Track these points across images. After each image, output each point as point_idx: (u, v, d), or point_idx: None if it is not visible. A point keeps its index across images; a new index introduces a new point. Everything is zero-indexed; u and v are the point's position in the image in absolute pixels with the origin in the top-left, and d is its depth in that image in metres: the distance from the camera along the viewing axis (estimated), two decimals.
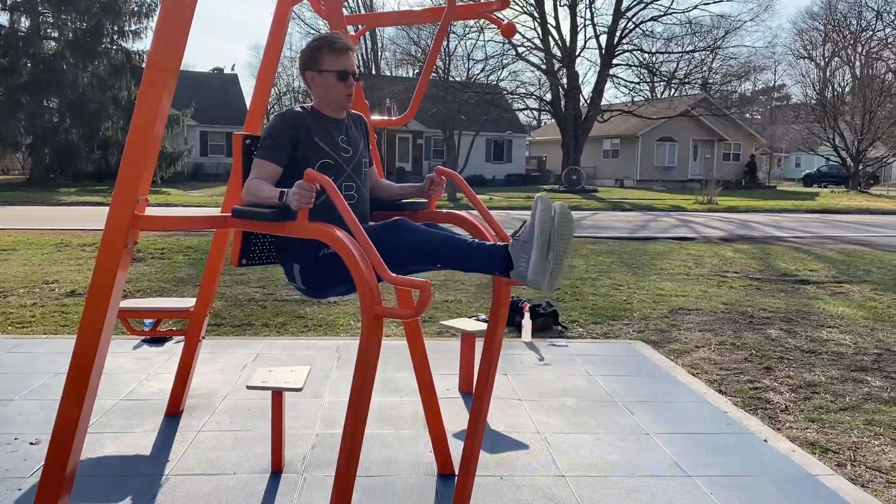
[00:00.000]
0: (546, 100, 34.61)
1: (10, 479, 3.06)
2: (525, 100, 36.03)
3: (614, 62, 33.54)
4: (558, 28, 33.18)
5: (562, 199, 26.33)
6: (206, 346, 4.87)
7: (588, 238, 14.00)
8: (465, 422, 3.76)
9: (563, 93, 33.08)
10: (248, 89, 47.67)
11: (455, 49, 31.01)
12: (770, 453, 3.54)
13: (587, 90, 34.59)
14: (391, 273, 2.05)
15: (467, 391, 4.37)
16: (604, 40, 33.40)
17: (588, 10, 33.50)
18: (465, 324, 4.67)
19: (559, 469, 3.29)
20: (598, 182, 39.24)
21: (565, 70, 33.20)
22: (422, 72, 3.67)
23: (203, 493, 2.98)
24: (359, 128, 2.77)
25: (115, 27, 28.84)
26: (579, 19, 33.53)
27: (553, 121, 36.63)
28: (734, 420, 3.99)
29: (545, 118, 47.70)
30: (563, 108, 32.89)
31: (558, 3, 33.00)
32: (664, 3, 32.79)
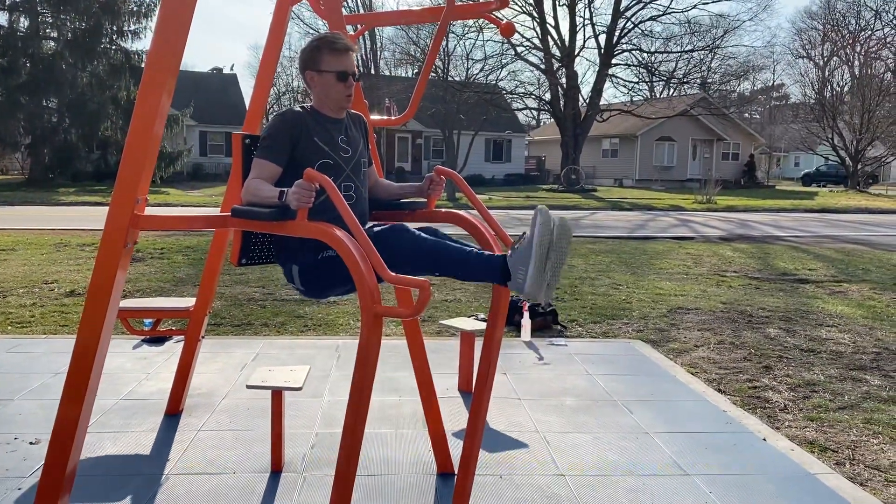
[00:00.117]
0: (545, 99, 34.64)
1: (10, 478, 3.06)
2: (524, 99, 36.05)
3: (613, 62, 33.57)
4: (557, 28, 33.23)
5: (561, 199, 26.45)
6: (205, 346, 4.87)
7: (587, 237, 14.00)
8: (464, 421, 3.77)
9: (562, 92, 33.09)
10: (247, 89, 47.67)
11: (454, 49, 31.06)
12: (769, 452, 3.54)
13: (586, 90, 34.64)
14: (390, 272, 2.06)
15: (467, 390, 4.38)
16: (603, 40, 33.49)
17: (587, 9, 33.59)
18: (465, 323, 4.67)
19: (558, 468, 3.30)
20: (597, 181, 39.26)
21: (564, 70, 33.22)
22: (421, 71, 3.67)
23: (203, 492, 2.98)
24: (358, 128, 2.78)
25: (115, 27, 28.85)
26: (578, 19, 33.68)
27: (552, 120, 36.65)
28: (733, 419, 4.00)
29: (544, 118, 47.75)
30: (563, 107, 32.90)
31: (557, 2, 33.06)
32: (663, 3, 32.86)
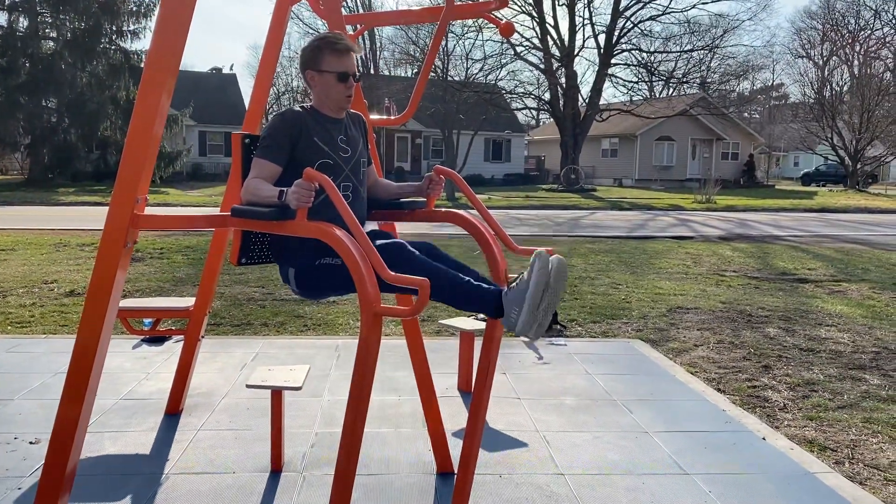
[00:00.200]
0: (545, 99, 34.64)
1: (10, 478, 3.06)
2: (524, 99, 36.06)
3: (613, 61, 33.57)
4: (557, 27, 33.22)
5: (560, 199, 26.44)
6: (205, 346, 4.87)
7: (587, 237, 14.00)
8: (464, 420, 3.77)
9: (561, 92, 33.09)
10: (246, 89, 47.66)
11: (453, 49, 31.07)
12: (768, 451, 3.55)
13: (586, 89, 34.64)
14: (390, 272, 2.06)
15: (466, 390, 4.38)
16: (602, 40, 33.50)
17: (586, 9, 33.55)
18: (464, 323, 4.67)
19: (558, 467, 3.30)
20: (597, 181, 39.26)
21: (564, 69, 33.22)
22: (420, 71, 3.67)
23: (203, 491, 2.98)
24: (358, 127, 2.78)
25: (114, 27, 28.87)
26: (578, 19, 33.64)
27: (552, 120, 36.64)
28: (732, 418, 4.00)
29: (544, 117, 47.75)
30: (562, 107, 32.90)
31: (557, 2, 33.05)
32: (662, 3, 32.92)
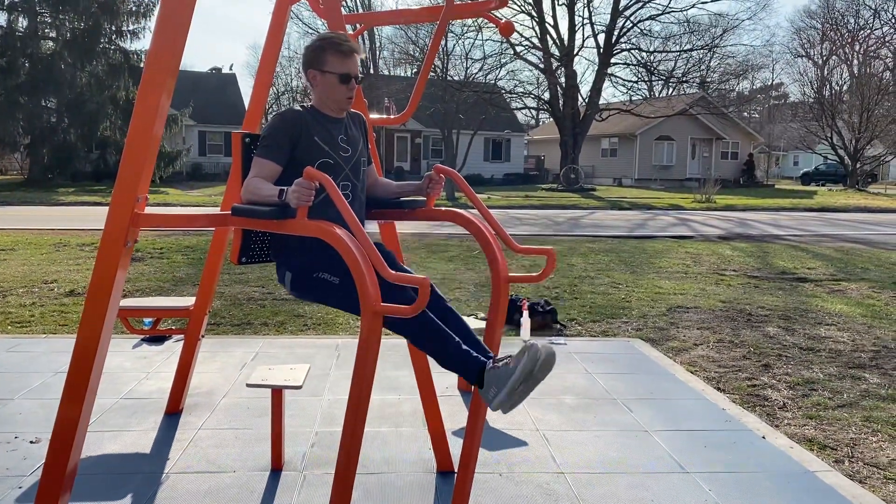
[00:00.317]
0: (544, 99, 34.64)
1: (11, 477, 3.07)
2: (523, 99, 36.09)
3: (612, 61, 33.56)
4: (556, 27, 33.21)
5: (560, 198, 26.40)
6: (205, 345, 4.88)
7: (587, 237, 14.01)
8: (464, 419, 3.77)
9: (561, 92, 33.09)
10: (246, 89, 47.70)
11: (453, 48, 31.09)
12: (768, 450, 3.55)
13: (585, 89, 34.63)
14: (390, 270, 2.06)
15: (466, 389, 4.38)
16: (602, 39, 33.48)
17: (586, 9, 33.52)
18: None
19: (558, 466, 3.30)
20: (597, 181, 39.27)
21: (563, 69, 33.21)
22: (420, 71, 3.67)
23: (203, 490, 2.98)
24: (358, 127, 2.78)
25: (113, 27, 28.88)
26: (577, 18, 33.63)
27: (551, 120, 36.64)
28: (732, 417, 4.00)
29: (543, 117, 47.76)
30: (562, 107, 32.90)
31: (556, 2, 33.03)
32: (662, 2, 32.75)
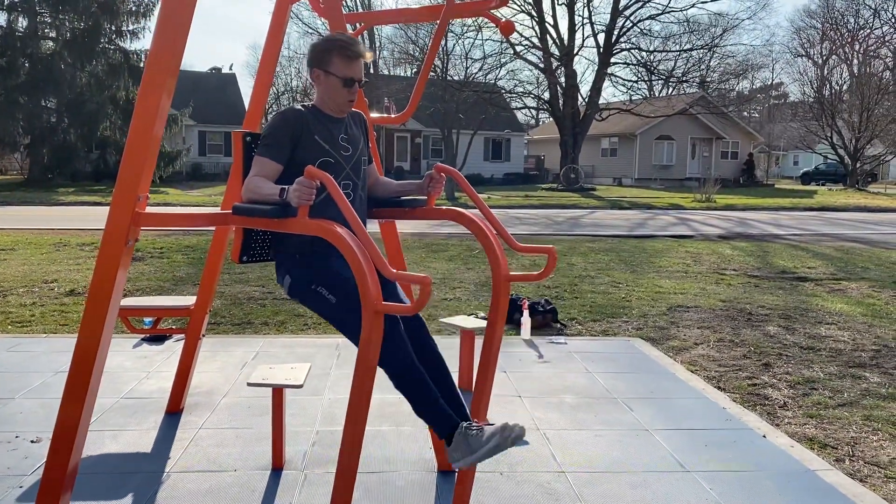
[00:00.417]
0: (544, 98, 34.62)
1: (11, 476, 3.07)
2: (523, 98, 36.08)
3: (612, 61, 33.53)
4: (556, 27, 33.19)
5: (560, 198, 26.38)
6: (205, 345, 4.87)
7: (587, 236, 14.01)
8: None
9: (561, 91, 33.07)
10: (246, 89, 47.71)
11: (453, 48, 31.09)
12: (769, 449, 3.55)
13: (585, 89, 34.60)
14: (391, 269, 2.06)
15: (467, 388, 4.38)
16: (602, 39, 33.44)
17: (586, 8, 33.47)
18: (465, 321, 4.68)
19: (559, 465, 3.30)
20: (597, 180, 39.26)
21: (563, 69, 33.19)
22: (420, 70, 3.67)
23: (204, 490, 2.99)
24: (359, 126, 2.78)
25: (113, 27, 28.85)
26: (577, 18, 33.58)
27: (551, 119, 36.61)
28: (733, 416, 4.00)
29: (543, 117, 47.73)
30: (562, 106, 32.88)
31: (556, 1, 33.00)
32: (662, 2, 32.64)
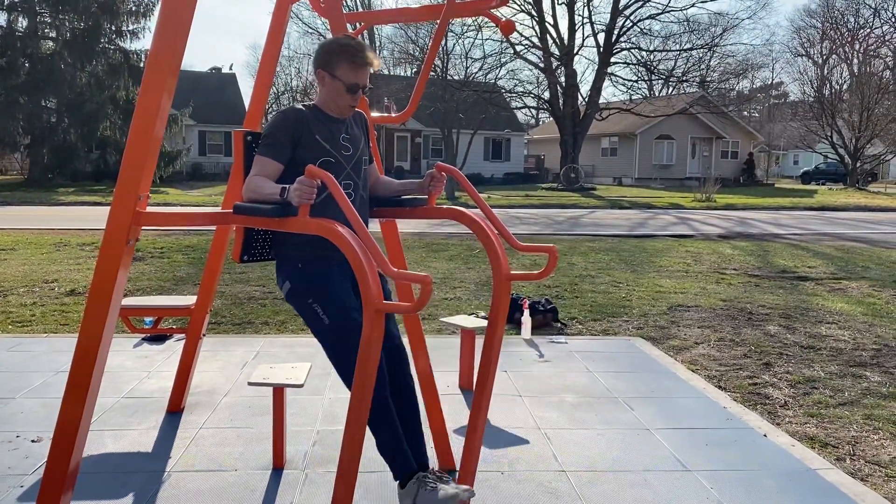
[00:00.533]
0: (544, 98, 34.61)
1: (12, 476, 3.07)
2: (523, 98, 36.03)
3: (612, 60, 33.51)
4: (556, 26, 33.17)
5: (560, 198, 26.39)
6: (206, 344, 4.87)
7: (587, 236, 14.01)
8: (465, 418, 3.76)
9: (561, 91, 33.06)
10: (246, 89, 47.69)
11: (453, 48, 31.10)
12: (770, 448, 3.55)
13: (585, 88, 34.58)
14: (392, 268, 2.06)
15: (467, 388, 4.38)
16: (602, 38, 33.41)
17: (586, 8, 33.44)
18: (465, 321, 4.67)
19: (560, 464, 3.30)
20: (597, 180, 39.25)
21: (563, 68, 33.18)
22: (420, 70, 3.67)
23: (205, 489, 2.99)
24: (359, 125, 2.78)
25: (113, 27, 28.84)
26: (577, 17, 33.55)
27: (551, 119, 36.60)
28: (734, 415, 4.00)
29: (543, 116, 47.70)
30: (562, 106, 32.87)
31: (556, 1, 32.99)
32: (662, 2, 32.59)
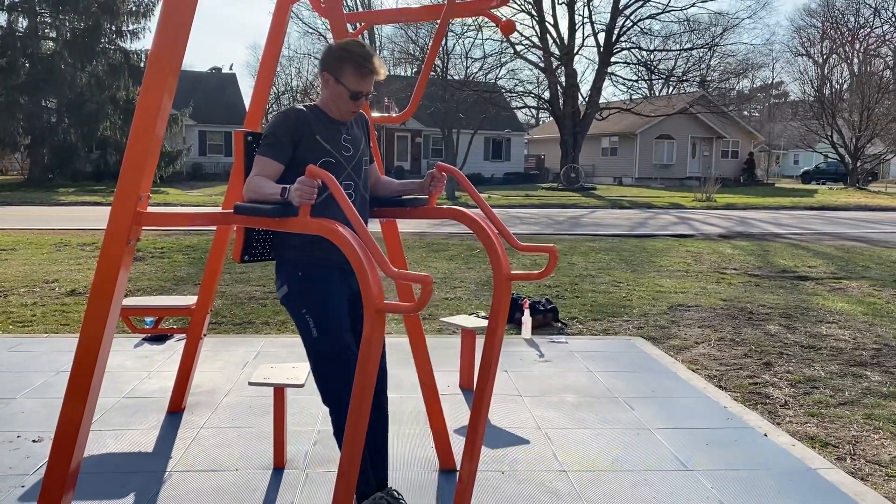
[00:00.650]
0: (544, 98, 34.60)
1: (13, 476, 3.07)
2: (523, 98, 36.02)
3: (612, 60, 33.51)
4: (556, 26, 33.17)
5: (560, 197, 26.38)
6: (206, 344, 4.87)
7: (587, 236, 14.01)
8: (466, 418, 3.76)
9: (561, 91, 33.05)
10: (246, 89, 47.71)
11: (453, 47, 31.09)
12: (770, 447, 3.55)
13: (585, 88, 34.58)
14: (392, 268, 2.06)
15: (468, 388, 4.38)
16: (602, 38, 33.41)
17: (586, 7, 33.43)
18: (466, 321, 4.68)
19: (560, 464, 3.30)
20: (597, 180, 39.25)
21: (563, 68, 33.18)
22: (421, 70, 3.67)
23: (205, 489, 2.99)
24: (360, 126, 2.78)
25: (113, 27, 28.84)
26: (577, 17, 33.55)
27: (551, 119, 36.59)
28: (734, 415, 4.01)
29: (543, 116, 47.69)
30: (562, 106, 32.87)
31: (556, 1, 32.99)
32: (662, 1, 32.57)
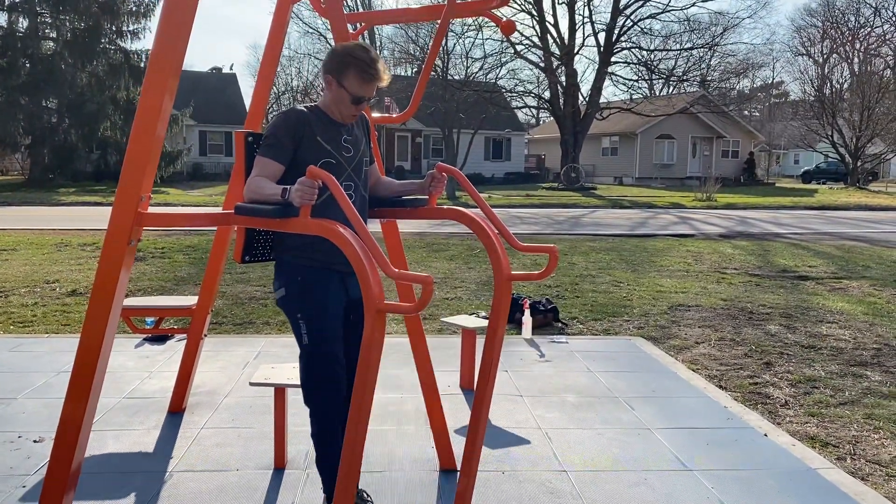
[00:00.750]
0: (545, 98, 34.60)
1: (15, 476, 3.08)
2: (524, 98, 36.02)
3: (613, 60, 33.51)
4: (556, 26, 33.16)
5: (561, 197, 26.40)
6: (207, 345, 4.87)
7: (588, 235, 14.01)
8: (466, 418, 3.77)
9: (561, 91, 33.05)
10: (246, 89, 47.76)
11: (453, 47, 31.07)
12: (770, 447, 3.55)
13: (586, 88, 34.58)
14: (393, 268, 2.06)
15: (468, 388, 4.39)
16: (602, 38, 33.41)
17: (586, 7, 33.43)
18: (466, 321, 4.68)
19: (560, 464, 3.31)
20: (597, 180, 39.24)
21: (564, 68, 33.17)
22: (421, 70, 3.68)
23: (206, 489, 2.99)
24: (360, 126, 2.79)
25: (114, 27, 28.85)
26: (577, 17, 33.54)
27: (552, 119, 36.59)
28: (734, 415, 4.01)
29: (544, 116, 47.68)
30: (562, 105, 32.86)
31: (556, 1, 32.99)
32: (662, 1, 32.58)
